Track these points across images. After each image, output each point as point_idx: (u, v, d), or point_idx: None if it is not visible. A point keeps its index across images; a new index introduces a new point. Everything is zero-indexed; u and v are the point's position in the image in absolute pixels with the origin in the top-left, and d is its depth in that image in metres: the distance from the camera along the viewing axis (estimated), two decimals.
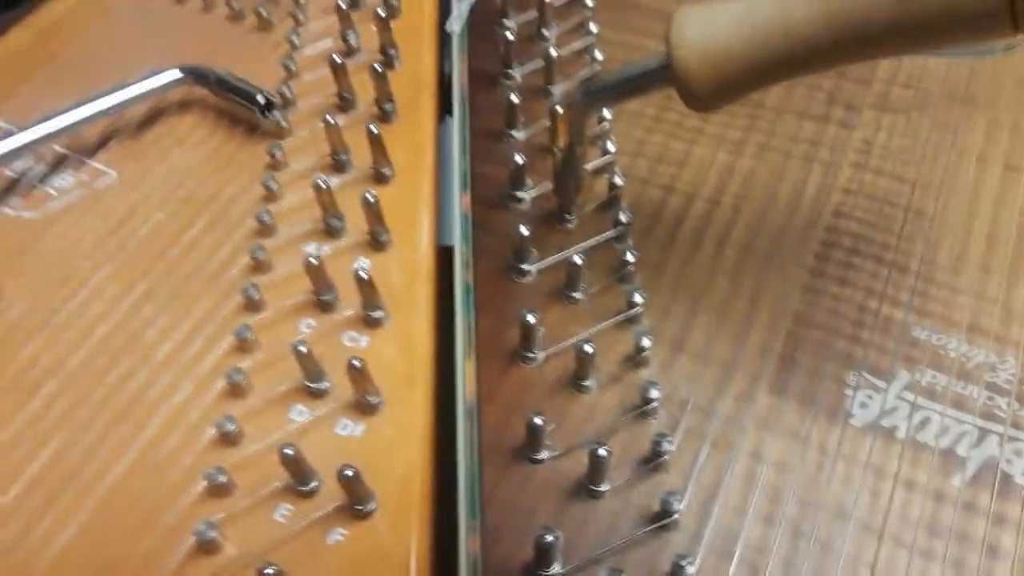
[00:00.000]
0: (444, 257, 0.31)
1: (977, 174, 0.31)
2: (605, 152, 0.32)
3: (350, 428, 0.26)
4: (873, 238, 0.29)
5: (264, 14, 0.39)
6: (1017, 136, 0.32)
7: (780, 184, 0.31)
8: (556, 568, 0.22)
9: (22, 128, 0.32)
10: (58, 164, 0.34)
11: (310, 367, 0.26)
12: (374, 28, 0.37)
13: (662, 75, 0.24)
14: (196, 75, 0.35)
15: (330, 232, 0.31)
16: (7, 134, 0.32)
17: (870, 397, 0.26)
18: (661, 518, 0.23)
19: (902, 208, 0.30)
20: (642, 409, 0.25)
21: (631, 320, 0.28)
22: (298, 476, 0.24)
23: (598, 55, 0.35)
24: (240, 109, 0.34)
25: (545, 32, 0.37)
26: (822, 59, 0.22)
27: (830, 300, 0.28)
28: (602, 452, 0.23)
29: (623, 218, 0.29)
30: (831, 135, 0.33)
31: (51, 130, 0.32)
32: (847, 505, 0.24)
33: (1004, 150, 0.32)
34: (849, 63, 0.23)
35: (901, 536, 0.23)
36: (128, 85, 0.34)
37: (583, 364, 0.26)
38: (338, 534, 0.24)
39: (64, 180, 0.33)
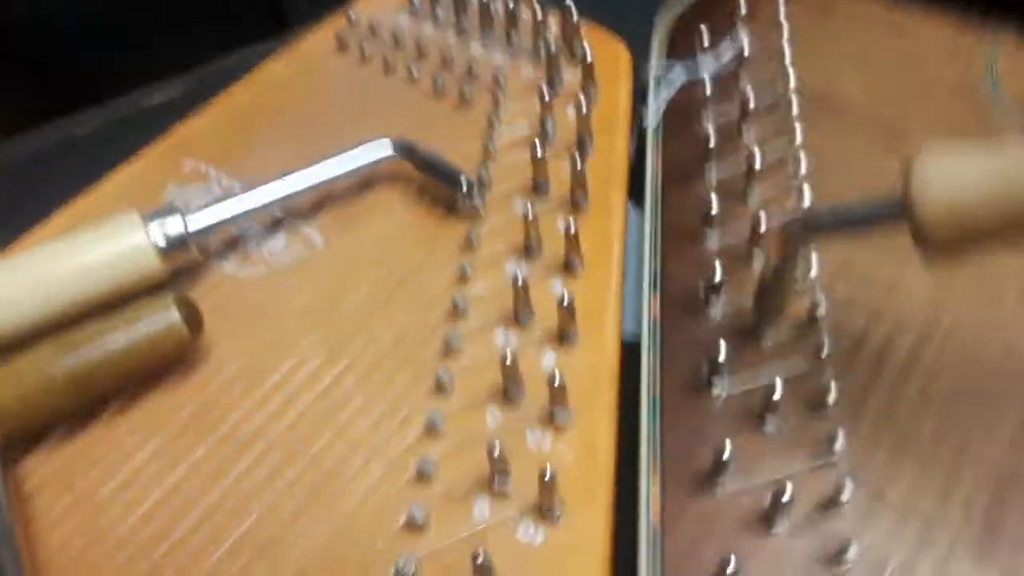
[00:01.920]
0: (629, 354, 0.31)
1: None
2: (808, 270, 0.31)
3: (531, 535, 0.27)
4: None
5: (466, 92, 0.40)
6: None
7: (993, 321, 0.29)
8: None
9: (244, 184, 0.34)
10: (274, 226, 0.36)
11: (500, 467, 0.27)
12: (570, 115, 0.38)
13: (893, 219, 0.23)
14: (404, 149, 0.36)
15: (520, 323, 0.32)
16: (232, 190, 0.35)
17: None
18: None
19: None
20: (836, 571, 0.24)
21: (830, 463, 0.27)
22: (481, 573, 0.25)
23: (802, 162, 0.34)
24: (441, 186, 0.36)
25: (745, 132, 0.36)
26: None
27: None
28: None
29: (826, 349, 0.29)
30: None
31: (275, 197, 0.34)
32: None
33: None
34: None
35: None
36: (343, 153, 0.36)
37: (777, 507, 0.25)
38: None
39: (278, 243, 0.36)
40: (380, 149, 0.36)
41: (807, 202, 0.33)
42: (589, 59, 0.38)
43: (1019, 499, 0.26)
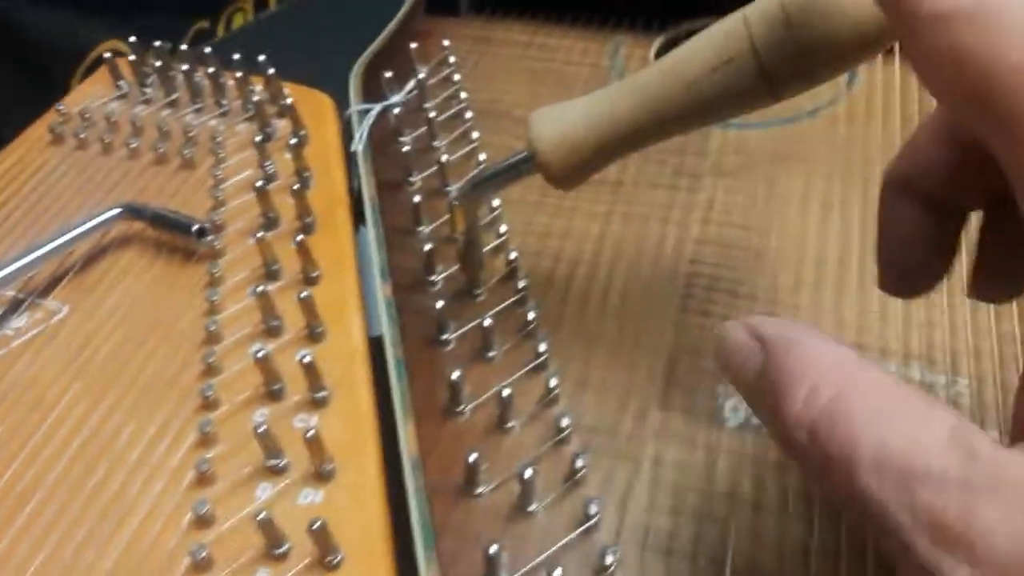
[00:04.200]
0: (376, 346, 0.36)
1: (800, 215, 0.38)
2: (499, 234, 0.38)
3: (311, 496, 0.30)
4: (725, 277, 0.36)
5: (187, 155, 0.44)
6: (829, 182, 0.40)
7: (644, 244, 0.38)
8: None
9: None
10: (12, 308, 0.37)
11: (269, 445, 0.30)
12: (287, 156, 0.43)
13: (528, 164, 0.30)
14: (133, 211, 0.39)
15: (271, 332, 0.35)
16: None
17: (738, 404, 0.32)
18: (586, 521, 0.28)
19: (744, 250, 0.37)
20: (558, 438, 0.30)
21: (540, 367, 0.33)
22: (272, 540, 0.28)
23: (482, 157, 0.42)
24: (177, 238, 0.39)
25: (435, 143, 0.43)
26: (645, 138, 0.29)
27: (697, 330, 0.34)
28: (528, 475, 0.28)
29: (521, 285, 0.35)
30: (680, 199, 0.40)
31: (8, 272, 0.36)
32: (736, 490, 0.29)
33: (820, 193, 0.39)
34: (667, 138, 0.29)
35: (785, 507, 0.29)
36: (72, 226, 0.38)
37: (504, 408, 0.31)
38: None
39: (20, 321, 0.37)
40: (108, 214, 0.39)
41: None
42: (290, 102, 0.44)
43: (684, 360, 0.33)
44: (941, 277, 0.25)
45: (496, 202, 0.39)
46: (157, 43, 0.48)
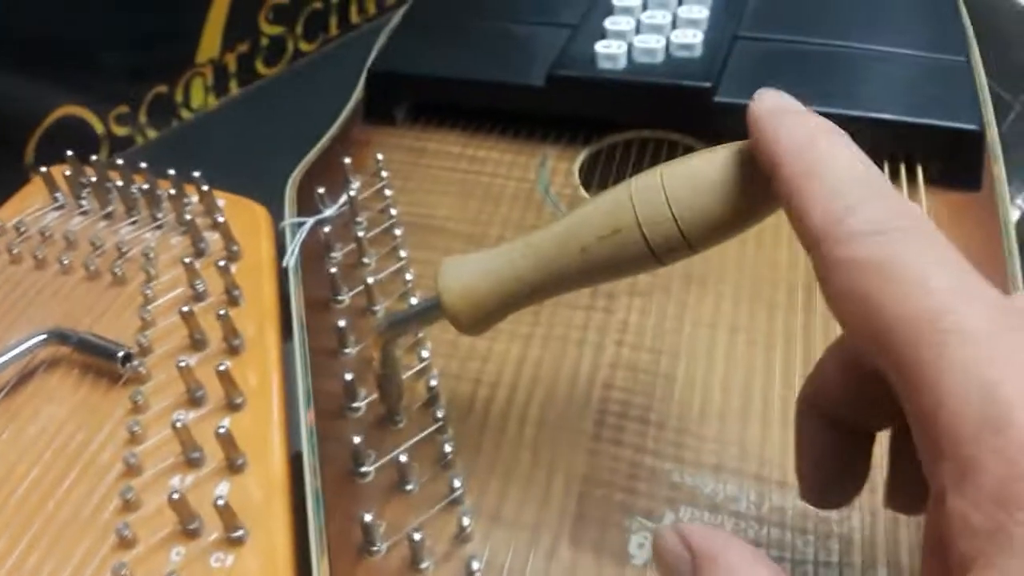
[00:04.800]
0: (298, 465, 0.37)
1: (709, 339, 0.40)
2: (421, 359, 0.39)
3: None
4: (637, 403, 0.37)
5: (117, 272, 0.44)
6: (737, 305, 0.42)
7: (561, 366, 0.39)
8: None
9: None
10: None
11: None
12: (218, 273, 0.43)
13: (437, 311, 0.31)
14: (59, 337, 0.40)
15: (191, 463, 0.36)
16: None
17: (645, 538, 0.33)
18: None
19: (654, 375, 0.39)
20: None
21: (456, 502, 0.34)
22: None
23: (409, 275, 0.43)
24: (102, 361, 0.39)
25: (364, 260, 0.45)
26: (544, 293, 0.30)
27: (609, 460, 0.35)
28: None
29: (440, 414, 0.36)
30: (597, 320, 0.41)
31: None
32: None
33: (728, 316, 0.41)
34: (564, 293, 0.31)
35: None
36: None
37: (416, 550, 0.31)
38: None
39: None
40: (33, 340, 0.39)
41: None
42: (222, 219, 0.45)
43: (595, 493, 0.34)
44: (856, 493, 0.27)
45: None
46: (115, 111, 0.49)
